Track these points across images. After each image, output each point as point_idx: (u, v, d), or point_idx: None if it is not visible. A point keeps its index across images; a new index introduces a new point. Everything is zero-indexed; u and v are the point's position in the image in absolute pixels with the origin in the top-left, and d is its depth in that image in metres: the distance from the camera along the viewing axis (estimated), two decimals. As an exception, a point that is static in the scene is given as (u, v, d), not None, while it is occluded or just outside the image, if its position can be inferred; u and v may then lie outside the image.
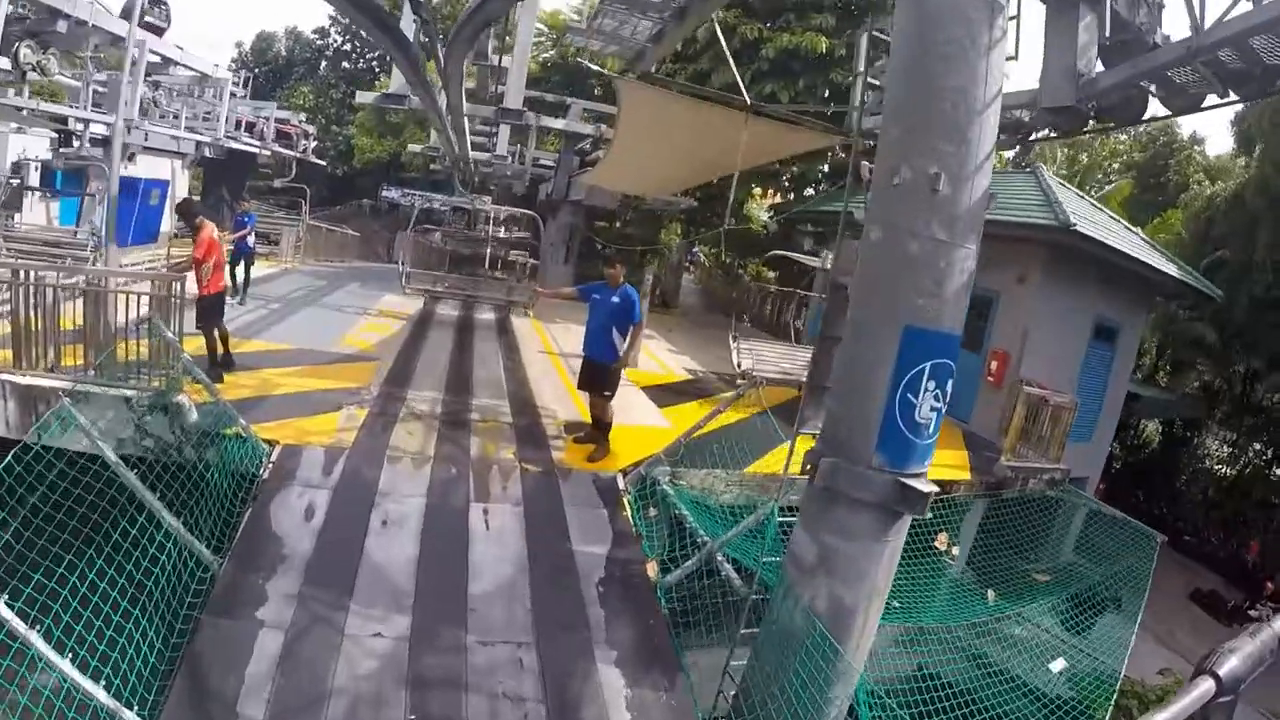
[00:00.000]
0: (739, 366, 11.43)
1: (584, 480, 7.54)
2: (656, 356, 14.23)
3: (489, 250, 20.62)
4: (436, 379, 10.34)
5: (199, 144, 23.74)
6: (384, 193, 39.11)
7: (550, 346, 14.02)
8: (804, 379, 10.40)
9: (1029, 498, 10.66)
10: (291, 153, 28.09)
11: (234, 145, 24.07)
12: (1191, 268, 17.42)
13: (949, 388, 4.92)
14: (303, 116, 30.21)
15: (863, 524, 4.83)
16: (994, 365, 13.34)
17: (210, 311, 8.84)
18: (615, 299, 7.95)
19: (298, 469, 6.74)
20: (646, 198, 19.95)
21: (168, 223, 23.86)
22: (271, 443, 7.07)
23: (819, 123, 9.96)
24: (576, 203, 21.12)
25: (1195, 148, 32.85)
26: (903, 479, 4.69)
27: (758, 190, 29.82)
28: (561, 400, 10.14)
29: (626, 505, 7.23)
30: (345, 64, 53.19)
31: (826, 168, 22.59)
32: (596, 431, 8.30)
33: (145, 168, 22.23)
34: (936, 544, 8.58)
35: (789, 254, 12.57)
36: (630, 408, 9.86)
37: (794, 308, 23.81)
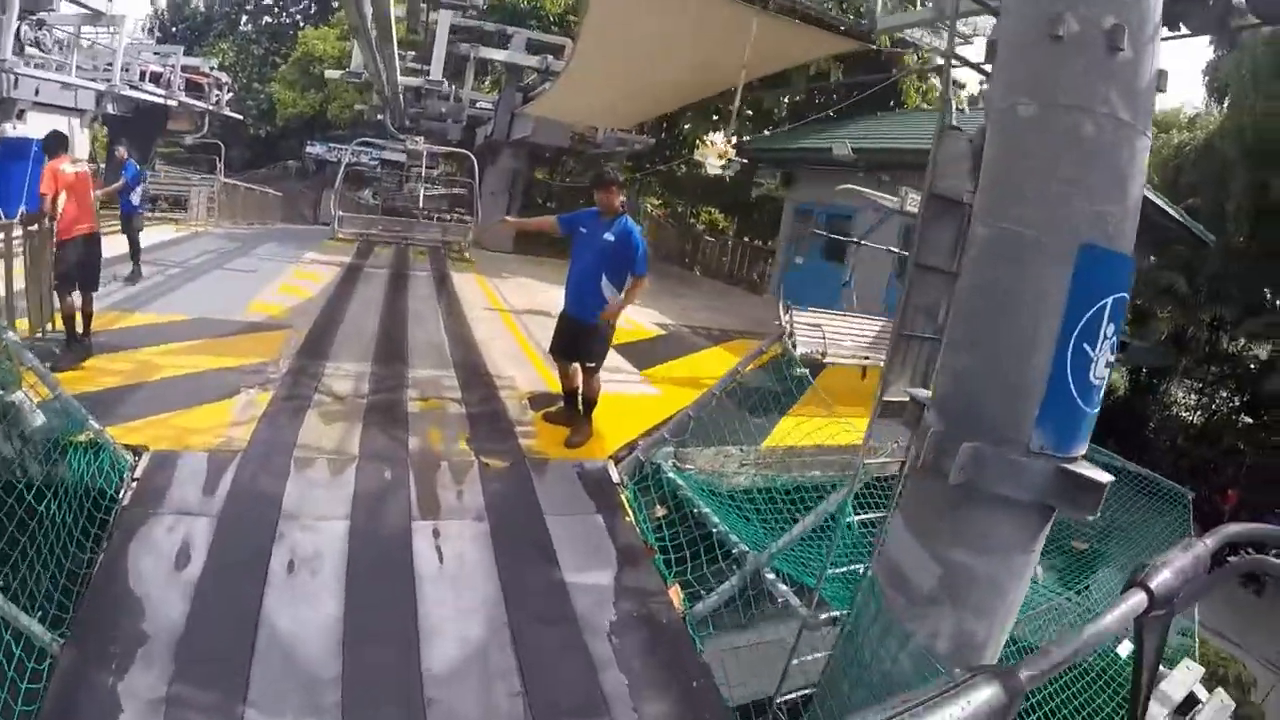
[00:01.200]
0: (796, 348, 7.81)
1: (565, 474, 5.71)
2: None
3: (422, 210, 18.84)
4: (362, 348, 8.34)
5: (99, 98, 21.04)
6: (308, 148, 36.17)
7: (498, 302, 12.11)
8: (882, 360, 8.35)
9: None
10: (203, 105, 25.24)
11: (133, 95, 21.28)
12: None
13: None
14: (214, 63, 27.10)
15: (1008, 531, 3.20)
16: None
17: (66, 267, 6.88)
18: (609, 236, 5.96)
19: (170, 486, 4.81)
20: (599, 134, 17.93)
21: (64, 189, 21.23)
22: (138, 450, 5.13)
23: (834, 19, 8.20)
24: (520, 143, 18.97)
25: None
26: (1067, 465, 3.08)
27: (711, 137, 28.06)
28: (520, 366, 8.30)
29: (625, 504, 5.48)
30: (268, 18, 50.23)
31: (786, 100, 20.85)
32: (573, 409, 6.52)
33: (37, 127, 19.55)
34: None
35: (861, 190, 9.75)
36: (605, 371, 8.13)
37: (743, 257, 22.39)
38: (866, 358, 8.76)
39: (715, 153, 9.53)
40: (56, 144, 7.18)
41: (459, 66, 19.05)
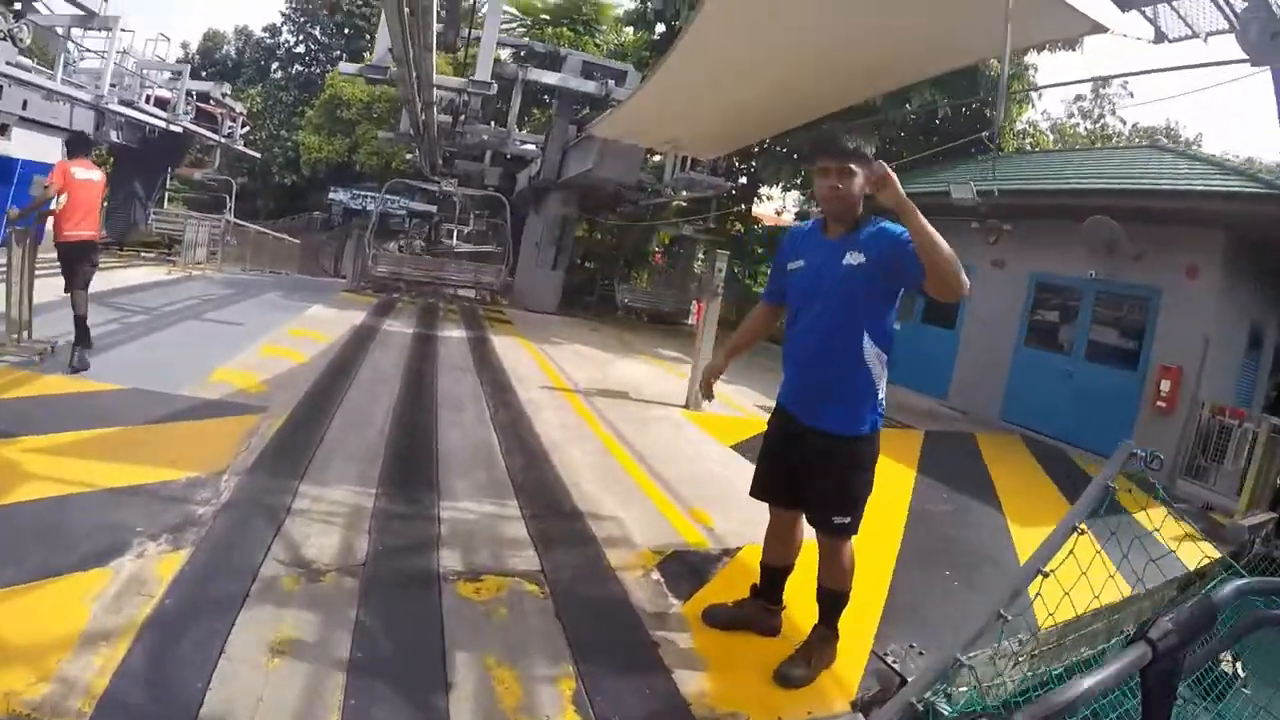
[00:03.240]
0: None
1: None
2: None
3: (455, 265, 17.09)
4: (367, 453, 5.22)
5: (99, 120, 18.68)
6: (331, 195, 33.92)
7: (559, 379, 9.05)
8: None
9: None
10: (214, 136, 22.75)
11: (128, 113, 18.76)
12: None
13: None
14: (227, 89, 24.60)
15: None
16: (1164, 385, 9.95)
17: (65, 266, 6.80)
18: (855, 257, 2.95)
19: None
20: (666, 172, 14.91)
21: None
22: None
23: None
24: (571, 185, 16.04)
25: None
26: None
27: (769, 190, 25.30)
28: (624, 495, 5.13)
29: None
30: (298, 65, 48.86)
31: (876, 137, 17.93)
32: (771, 603, 3.44)
33: (24, 145, 17.17)
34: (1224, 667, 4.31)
35: None
36: (734, 494, 5.06)
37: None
38: None
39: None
40: (77, 145, 7.11)
41: (503, 92, 16.45)
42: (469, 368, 9.01)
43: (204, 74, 44.12)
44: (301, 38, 49.34)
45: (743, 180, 21.80)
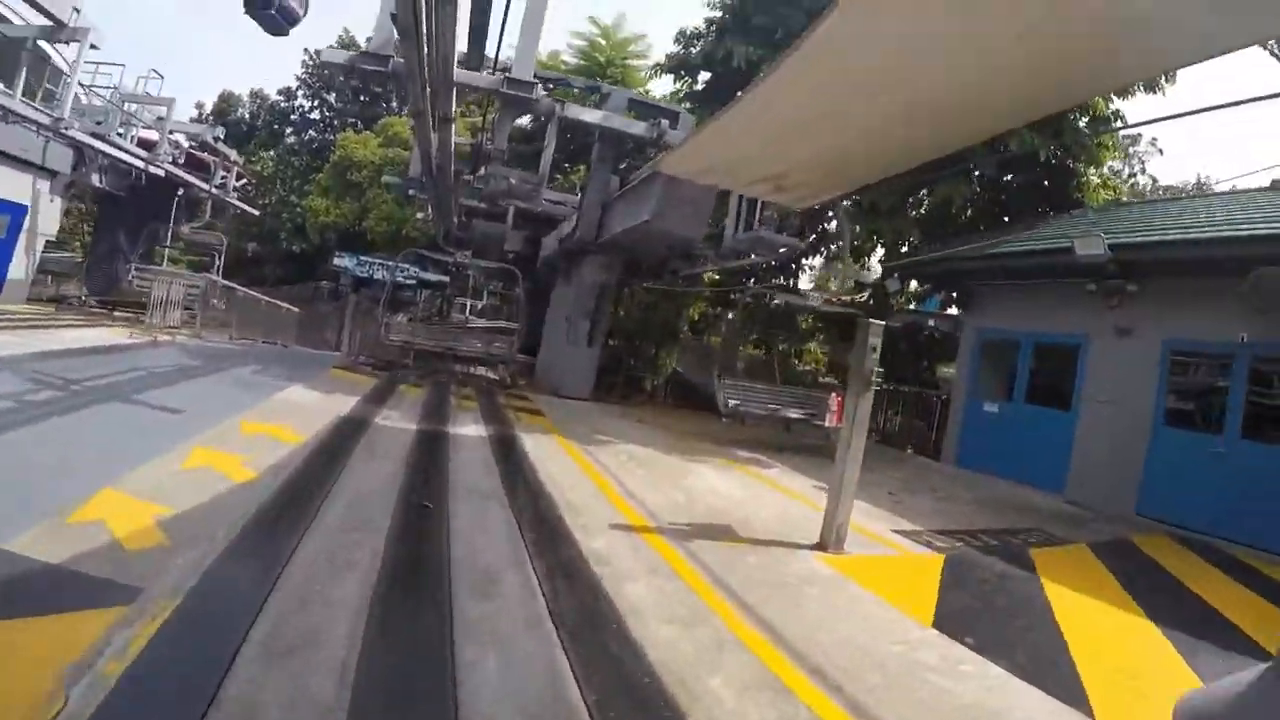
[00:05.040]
0: None
1: None
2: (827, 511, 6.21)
3: (468, 341, 16.32)
4: None
5: (80, 158, 16.53)
6: (335, 260, 31.70)
7: (628, 507, 6.20)
8: None
9: None
10: (202, 185, 20.30)
11: (94, 144, 16.26)
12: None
13: None
14: (220, 132, 21.99)
15: None
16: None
17: None
18: None
19: None
20: (731, 228, 12.23)
21: (21, 265, 16.61)
22: None
23: None
24: (617, 244, 13.54)
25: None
26: None
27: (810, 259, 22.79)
28: None
29: None
30: (312, 131, 47.51)
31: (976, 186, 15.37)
32: None
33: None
34: None
35: None
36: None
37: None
38: None
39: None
40: None
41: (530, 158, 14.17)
42: (496, 492, 6.14)
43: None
44: (316, 103, 48.27)
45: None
